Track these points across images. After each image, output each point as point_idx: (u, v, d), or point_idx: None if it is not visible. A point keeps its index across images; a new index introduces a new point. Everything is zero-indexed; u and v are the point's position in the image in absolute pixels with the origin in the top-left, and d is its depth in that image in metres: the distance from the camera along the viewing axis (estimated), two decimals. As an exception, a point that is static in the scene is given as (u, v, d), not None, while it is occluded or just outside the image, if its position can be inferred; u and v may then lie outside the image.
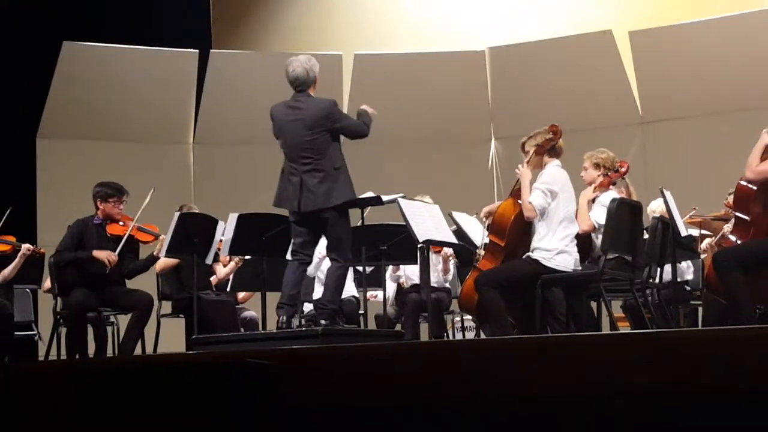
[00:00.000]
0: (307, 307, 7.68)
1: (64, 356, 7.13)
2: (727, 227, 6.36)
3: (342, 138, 6.22)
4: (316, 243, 6.24)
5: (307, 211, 5.97)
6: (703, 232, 7.02)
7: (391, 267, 7.88)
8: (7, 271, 7.19)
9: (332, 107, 6.05)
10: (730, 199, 6.17)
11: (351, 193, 6.07)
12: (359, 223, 7.20)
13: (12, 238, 7.25)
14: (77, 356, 6.87)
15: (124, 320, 7.34)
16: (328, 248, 6.22)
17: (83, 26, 10.47)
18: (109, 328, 7.61)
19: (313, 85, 6.15)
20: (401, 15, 11.86)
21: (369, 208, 7.11)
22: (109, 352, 7.41)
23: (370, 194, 6.93)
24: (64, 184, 9.92)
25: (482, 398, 3.05)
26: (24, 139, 10.31)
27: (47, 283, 7.62)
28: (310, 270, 7.80)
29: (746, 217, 5.51)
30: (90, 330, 7.23)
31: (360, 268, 7.51)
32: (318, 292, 7.26)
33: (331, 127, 6.01)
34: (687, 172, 9.04)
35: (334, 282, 6.11)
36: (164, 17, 11.05)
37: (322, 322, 6.03)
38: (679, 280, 6.87)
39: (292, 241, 6.17)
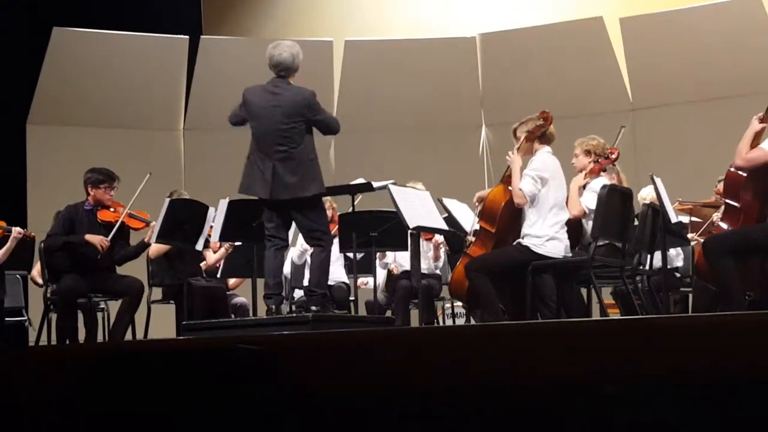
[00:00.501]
0: (298, 293, 7.71)
1: (54, 342, 7.12)
2: (717, 215, 6.37)
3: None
4: (289, 226, 6.22)
5: (279, 198, 5.97)
6: (693, 219, 7.04)
7: (378, 253, 7.87)
8: (0, 252, 7.18)
9: (313, 98, 6.02)
10: (720, 186, 6.19)
11: (322, 186, 6.03)
12: (350, 210, 7.21)
13: (2, 223, 7.25)
14: (67, 342, 6.87)
15: (114, 306, 7.34)
16: (304, 234, 6.23)
17: (73, 11, 10.42)
18: (99, 314, 7.61)
19: (294, 73, 6.12)
20: (392, 1, 11.86)
21: (360, 194, 7.12)
22: (100, 338, 7.40)
23: (360, 180, 6.93)
24: (54, 171, 9.91)
25: (472, 384, 3.06)
26: (14, 125, 10.27)
27: (37, 269, 7.62)
28: (297, 259, 7.82)
29: (736, 204, 5.52)
30: (80, 316, 7.24)
31: (351, 255, 7.52)
32: (308, 278, 7.26)
33: (309, 117, 5.98)
34: (677, 159, 9.06)
35: (319, 266, 6.13)
36: (154, 2, 11.01)
37: (313, 308, 6.04)
38: (669, 266, 6.89)
39: (265, 226, 6.16)
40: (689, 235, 6.94)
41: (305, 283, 7.23)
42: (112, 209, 7.15)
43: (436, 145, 10.47)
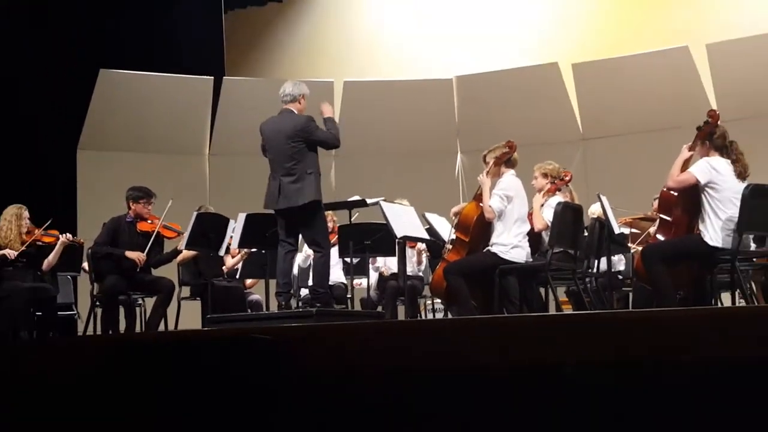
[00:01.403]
0: (304, 291, 7.69)
1: (99, 332, 7.10)
2: (652, 227, 6.39)
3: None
4: (297, 233, 6.22)
5: (283, 207, 5.99)
6: (633, 230, 7.05)
7: (371, 258, 7.88)
8: (51, 257, 7.15)
9: (308, 122, 6.05)
10: (656, 203, 6.20)
11: (316, 195, 6.01)
12: (347, 222, 7.21)
13: (56, 232, 7.22)
14: (110, 332, 6.85)
15: (150, 302, 7.33)
16: (307, 242, 6.24)
17: (117, 55, 10.43)
18: (137, 309, 7.58)
19: (298, 102, 6.14)
20: (384, 47, 11.87)
21: (356, 209, 7.12)
22: (137, 329, 7.38)
23: (356, 197, 6.93)
24: (100, 188, 9.89)
25: (449, 367, 3.05)
26: (67, 150, 10.30)
27: (85, 266, 7.63)
28: (302, 262, 7.80)
29: (669, 219, 5.55)
30: (121, 310, 7.22)
31: (348, 260, 7.51)
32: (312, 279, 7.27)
33: (307, 138, 5.99)
34: (620, 180, 9.07)
35: (320, 269, 6.16)
36: (185, 48, 11.01)
37: (317, 304, 6.04)
38: (612, 270, 6.88)
39: (279, 232, 6.17)
40: (630, 244, 6.95)
41: (310, 282, 7.23)
42: (149, 221, 7.15)
43: (420, 168, 10.47)
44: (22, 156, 9.82)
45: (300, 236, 6.30)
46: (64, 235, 7.20)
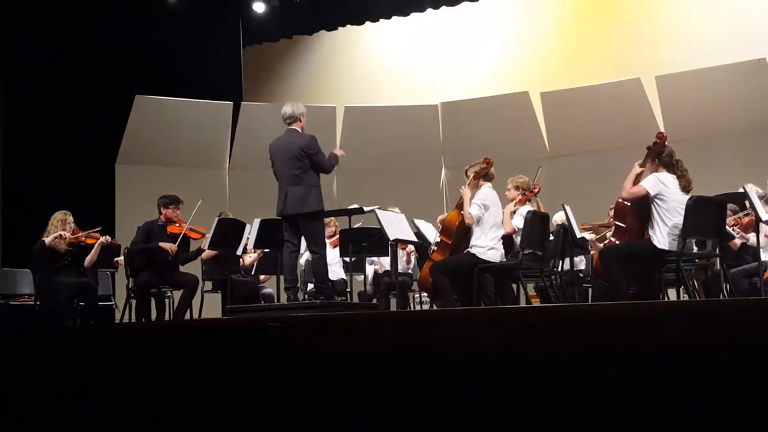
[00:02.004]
0: (310, 286, 7.70)
1: (133, 320, 7.11)
2: (609, 233, 6.40)
3: None
4: (300, 235, 6.22)
5: (288, 214, 5.99)
6: (592, 235, 7.07)
7: (367, 258, 7.90)
8: (91, 255, 7.16)
9: (311, 141, 6.05)
10: (612, 212, 6.22)
11: (319, 205, 6.02)
12: (347, 227, 7.21)
13: (96, 234, 7.23)
14: (143, 320, 6.85)
15: (177, 295, 7.33)
16: (307, 244, 6.24)
17: (150, 83, 10.49)
18: (166, 301, 7.59)
19: (299, 121, 6.13)
20: (380, 78, 11.91)
21: (355, 215, 7.13)
22: (166, 318, 7.39)
23: (355, 205, 6.93)
24: (135, 197, 9.86)
25: (433, 353, 3.05)
26: (107, 165, 10.33)
27: (120, 260, 7.65)
28: (308, 261, 7.80)
29: (623, 225, 5.58)
30: (152, 302, 7.22)
31: (348, 259, 7.52)
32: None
33: (309, 155, 5.99)
34: (581, 192, 9.06)
35: (319, 267, 6.14)
36: (209, 77, 11.05)
37: (321, 297, 6.04)
38: (574, 269, 6.91)
39: (284, 234, 6.17)
40: (590, 247, 6.98)
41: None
42: (177, 224, 7.16)
43: (410, 181, 10.46)
44: (69, 169, 9.90)
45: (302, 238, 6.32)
46: (104, 237, 7.21)
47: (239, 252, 7.34)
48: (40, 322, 7.06)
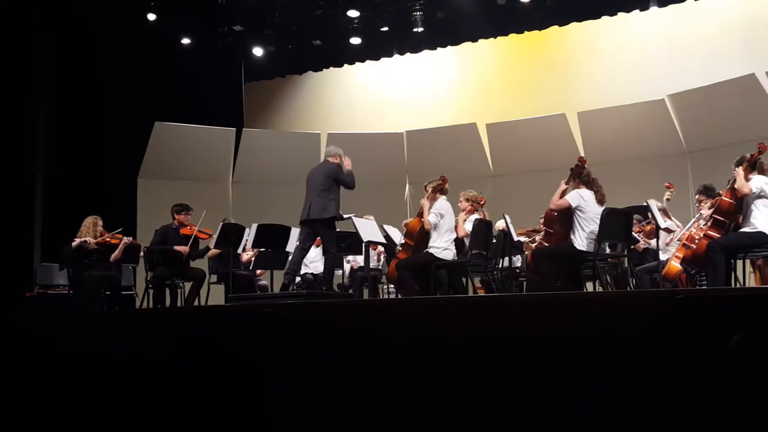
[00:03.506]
0: (298, 279, 7.66)
1: (151, 307, 7.04)
2: (539, 237, 6.46)
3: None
4: (313, 239, 6.25)
5: (310, 219, 5.99)
6: (526, 238, 7.12)
7: (345, 256, 7.89)
8: (116, 253, 7.09)
9: (337, 169, 6.15)
10: (542, 220, 6.27)
11: (335, 212, 6.10)
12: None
13: (120, 236, 7.15)
14: (159, 307, 6.78)
15: (188, 286, 7.27)
16: (324, 246, 6.29)
17: (169, 111, 10.44)
18: (178, 291, 7.52)
19: (334, 158, 6.28)
20: (356, 110, 11.92)
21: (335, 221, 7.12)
22: (178, 305, 7.32)
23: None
24: (153, 205, 9.78)
25: (399, 332, 3.06)
26: (130, 179, 10.26)
27: (141, 253, 7.57)
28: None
29: (551, 231, 5.63)
30: (167, 291, 7.15)
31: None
32: (303, 270, 7.26)
33: (335, 177, 6.07)
34: (519, 204, 9.13)
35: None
36: (215, 107, 11.01)
37: (323, 288, 6.08)
38: (512, 266, 6.95)
39: (299, 235, 6.22)
40: (524, 248, 7.02)
41: (303, 271, 7.21)
42: (188, 227, 7.09)
43: (380, 194, 10.44)
44: (100, 181, 9.79)
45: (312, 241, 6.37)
46: (126, 238, 7.14)
47: (240, 251, 7.31)
48: (73, 309, 6.96)
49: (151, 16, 10.17)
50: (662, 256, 6.13)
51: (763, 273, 5.92)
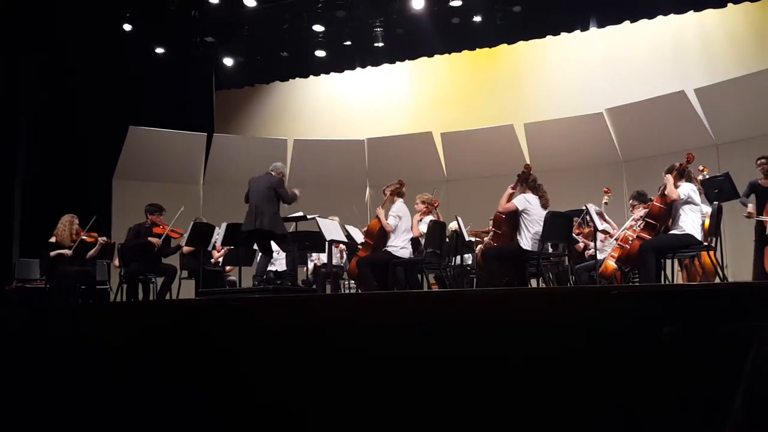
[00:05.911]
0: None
1: (124, 300, 6.90)
2: (487, 238, 6.52)
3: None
4: (270, 246, 6.23)
5: (260, 229, 5.96)
6: (476, 239, 7.18)
7: (309, 254, 7.85)
8: (92, 252, 6.93)
9: (278, 182, 6.09)
10: (491, 222, 6.33)
11: (283, 227, 6.11)
12: (293, 229, 7.16)
13: (95, 234, 7.00)
14: (132, 301, 6.66)
15: (159, 281, 7.14)
16: (281, 248, 6.24)
17: (141, 116, 10.27)
18: (151, 285, 7.39)
19: (277, 173, 6.19)
20: (321, 117, 11.87)
21: (300, 221, 7.09)
22: (151, 299, 7.19)
23: (300, 213, 6.90)
24: (127, 205, 9.58)
25: (357, 324, 3.07)
26: (104, 180, 10.03)
27: (116, 261, 7.39)
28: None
29: (500, 232, 5.67)
30: (140, 286, 7.02)
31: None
32: (270, 268, 7.20)
33: (276, 190, 6.02)
34: (469, 207, 9.19)
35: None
36: (187, 113, 10.87)
37: (278, 282, 6.03)
38: (464, 264, 7.00)
39: (258, 247, 6.26)
40: (475, 248, 7.08)
41: (269, 268, 7.15)
42: (161, 226, 6.97)
43: (343, 197, 10.41)
44: (76, 181, 9.57)
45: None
46: (101, 238, 7.01)
47: (210, 248, 7.21)
48: (49, 302, 6.79)
49: (127, 27, 9.99)
50: (599, 256, 6.24)
51: (689, 271, 6.08)
